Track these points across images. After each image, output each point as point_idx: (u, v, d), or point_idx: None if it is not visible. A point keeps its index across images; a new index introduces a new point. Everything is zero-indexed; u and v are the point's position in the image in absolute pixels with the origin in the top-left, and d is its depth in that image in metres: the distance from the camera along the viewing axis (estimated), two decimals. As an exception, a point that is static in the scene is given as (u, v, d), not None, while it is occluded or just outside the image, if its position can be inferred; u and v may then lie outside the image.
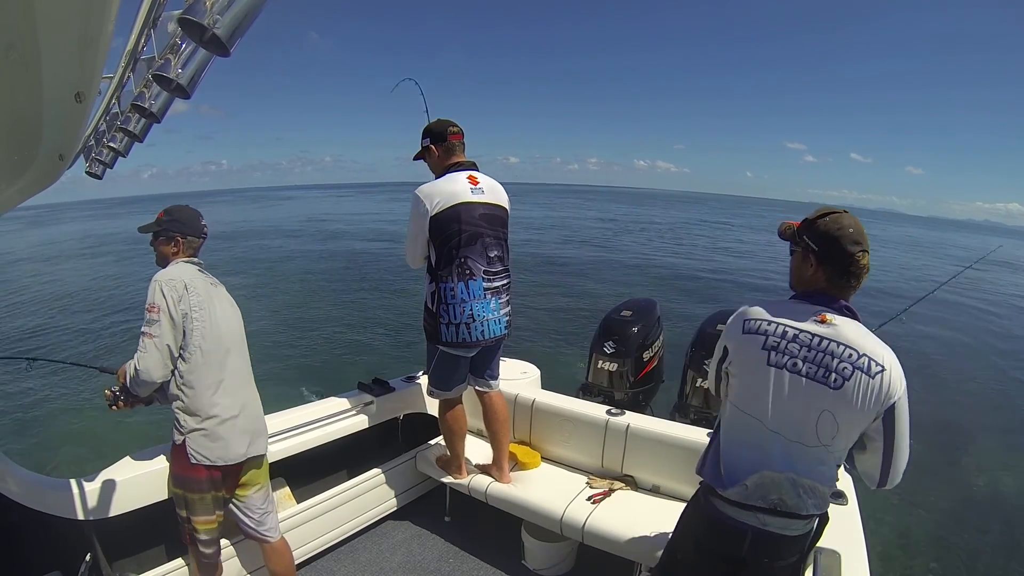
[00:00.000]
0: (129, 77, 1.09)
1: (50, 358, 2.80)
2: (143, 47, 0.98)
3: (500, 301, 2.49)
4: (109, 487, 2.07)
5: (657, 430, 2.62)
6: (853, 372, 1.29)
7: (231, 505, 2.07)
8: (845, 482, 2.15)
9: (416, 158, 2.61)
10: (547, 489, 2.63)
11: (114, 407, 1.92)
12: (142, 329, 1.83)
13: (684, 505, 2.48)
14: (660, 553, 2.19)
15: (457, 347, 2.48)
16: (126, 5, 0.61)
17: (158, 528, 2.19)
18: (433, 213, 2.34)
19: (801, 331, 1.34)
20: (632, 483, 2.67)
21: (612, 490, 2.60)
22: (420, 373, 3.19)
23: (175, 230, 1.99)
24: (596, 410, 2.80)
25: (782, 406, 1.34)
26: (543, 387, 3.29)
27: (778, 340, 1.36)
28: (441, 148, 2.47)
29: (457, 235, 2.34)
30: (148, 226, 2.02)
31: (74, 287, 14.29)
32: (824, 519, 1.44)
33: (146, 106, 1.06)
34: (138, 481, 2.12)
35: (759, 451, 1.37)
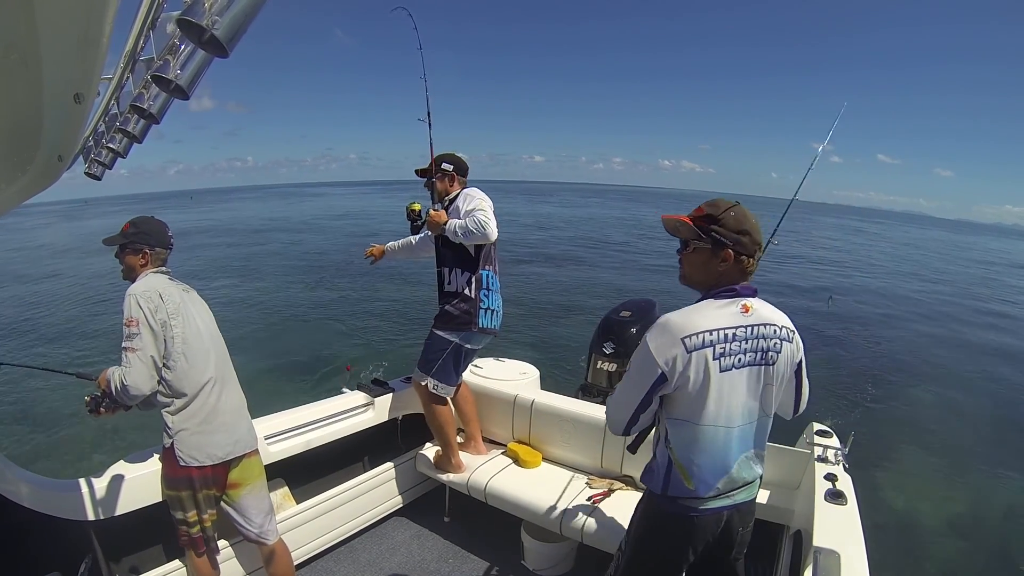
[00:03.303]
0: (128, 78, 1.09)
1: (22, 363, 2.65)
2: (142, 48, 0.98)
3: (502, 300, 2.75)
4: (109, 488, 2.07)
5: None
6: (781, 344, 1.47)
7: (226, 507, 2.08)
8: (845, 482, 2.15)
9: (427, 175, 2.76)
10: (547, 489, 2.63)
11: (95, 414, 1.90)
12: (123, 344, 1.82)
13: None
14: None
15: (484, 334, 2.70)
16: (126, 6, 0.61)
17: (157, 528, 2.19)
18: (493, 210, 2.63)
19: (737, 328, 1.42)
20: (632, 483, 2.66)
21: (612, 490, 2.60)
22: None
23: (142, 242, 1.97)
24: (595, 410, 2.80)
25: (738, 401, 1.44)
26: (542, 388, 3.29)
27: (724, 345, 1.41)
28: (457, 181, 2.74)
29: (496, 235, 2.63)
30: (113, 238, 2.00)
31: (79, 286, 14.28)
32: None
33: (145, 107, 1.06)
34: (137, 482, 2.12)
35: (724, 451, 1.46)
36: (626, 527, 2.33)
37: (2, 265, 18.63)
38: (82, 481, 2.07)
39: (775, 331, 1.46)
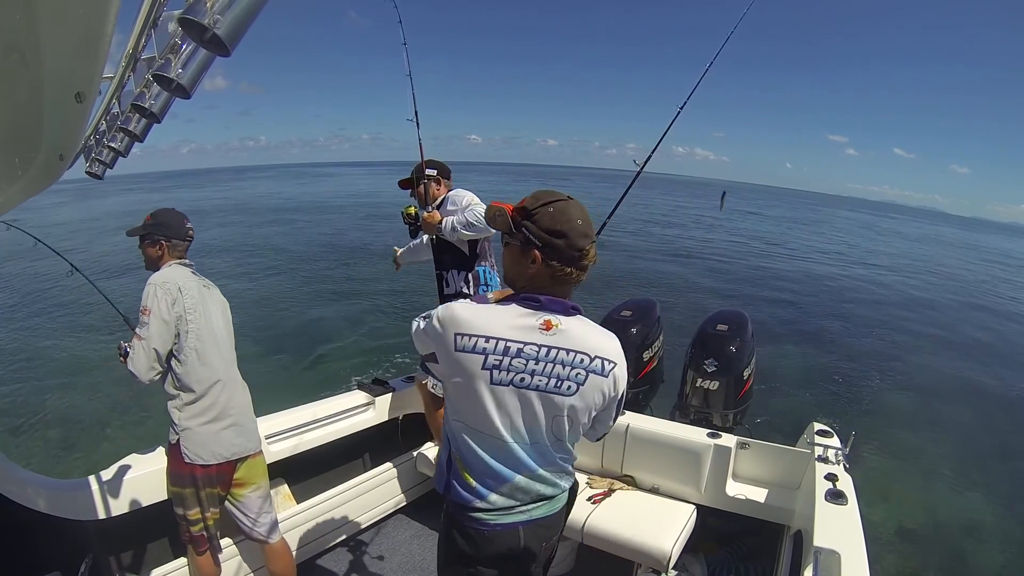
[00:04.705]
0: (129, 77, 1.08)
1: (93, 282, 2.83)
2: (143, 47, 0.98)
3: None
4: (109, 487, 2.08)
5: (657, 430, 2.62)
6: (587, 376, 1.26)
7: (230, 505, 2.09)
8: (845, 482, 2.15)
9: (410, 185, 2.80)
10: None
11: (121, 360, 1.92)
12: (136, 330, 1.86)
13: (681, 504, 2.50)
14: (661, 550, 2.19)
15: None
16: (126, 5, 0.61)
17: (158, 527, 2.19)
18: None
19: (525, 344, 1.22)
20: (632, 483, 2.67)
21: (612, 490, 2.60)
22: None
23: (159, 233, 2.02)
24: None
25: (514, 420, 1.27)
26: None
27: (500, 358, 1.22)
28: (443, 184, 2.80)
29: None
30: (135, 230, 2.06)
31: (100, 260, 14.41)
32: (575, 486, 1.46)
33: (146, 106, 1.06)
34: (138, 481, 2.12)
35: (502, 462, 1.30)
36: (627, 527, 2.34)
37: (24, 240, 18.81)
38: (82, 481, 2.07)
39: (582, 360, 1.24)
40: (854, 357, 9.08)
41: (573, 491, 1.46)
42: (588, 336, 1.27)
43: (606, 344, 1.29)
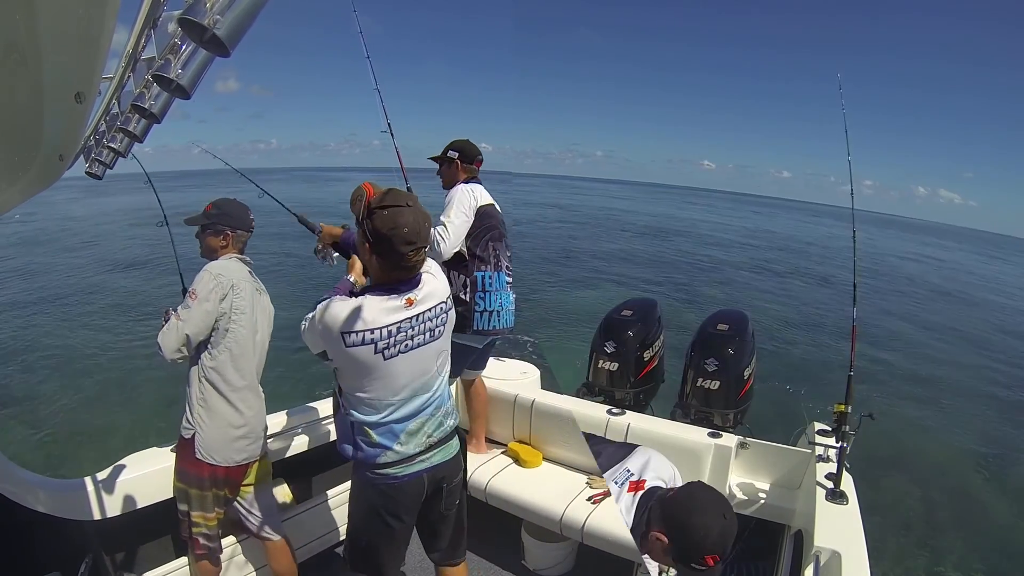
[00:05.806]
0: (129, 77, 1.08)
1: (175, 236, 2.82)
2: (143, 47, 0.98)
3: (513, 296, 2.72)
4: (110, 487, 2.08)
5: (657, 430, 2.62)
6: (447, 315, 1.58)
7: (236, 504, 2.09)
8: (845, 482, 2.15)
9: (437, 160, 2.76)
10: (547, 489, 2.63)
11: (163, 323, 1.90)
12: (177, 308, 1.85)
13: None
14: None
15: (485, 335, 2.66)
16: (126, 5, 0.61)
17: (158, 527, 2.20)
18: (480, 204, 2.57)
19: (400, 322, 1.47)
20: (632, 483, 2.67)
21: (612, 490, 2.60)
22: None
23: (224, 223, 1.97)
24: (596, 410, 2.80)
25: (408, 378, 1.52)
26: (543, 387, 3.29)
27: (387, 340, 1.45)
28: (464, 167, 2.67)
29: (492, 228, 2.59)
30: (195, 218, 2.00)
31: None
32: (460, 431, 1.71)
33: (146, 106, 1.06)
34: (139, 481, 2.12)
35: (397, 418, 1.53)
36: (626, 527, 2.34)
37: (50, 236, 18.90)
38: (83, 481, 2.07)
39: (440, 308, 1.54)
40: (856, 357, 9.08)
41: (461, 437, 1.72)
42: (436, 290, 1.55)
43: (443, 284, 1.59)
